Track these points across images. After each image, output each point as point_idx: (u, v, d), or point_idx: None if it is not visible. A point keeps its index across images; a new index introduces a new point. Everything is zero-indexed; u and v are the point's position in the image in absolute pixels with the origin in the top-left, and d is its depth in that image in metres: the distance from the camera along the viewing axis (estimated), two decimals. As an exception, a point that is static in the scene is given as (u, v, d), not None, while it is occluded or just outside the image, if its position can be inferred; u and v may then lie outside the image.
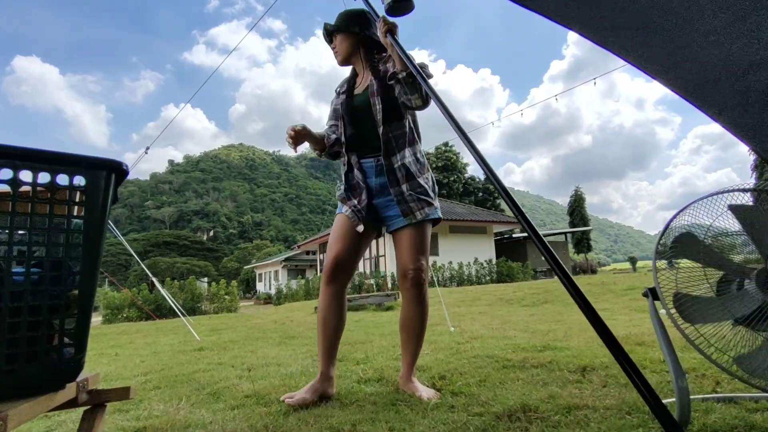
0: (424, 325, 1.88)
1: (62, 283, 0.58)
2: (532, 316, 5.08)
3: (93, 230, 0.59)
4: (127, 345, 4.74)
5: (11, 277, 0.54)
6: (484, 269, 19.60)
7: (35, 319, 0.55)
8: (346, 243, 1.87)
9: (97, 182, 0.58)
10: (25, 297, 0.54)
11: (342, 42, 1.99)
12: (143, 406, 1.91)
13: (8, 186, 0.53)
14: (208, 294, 15.99)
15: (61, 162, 0.55)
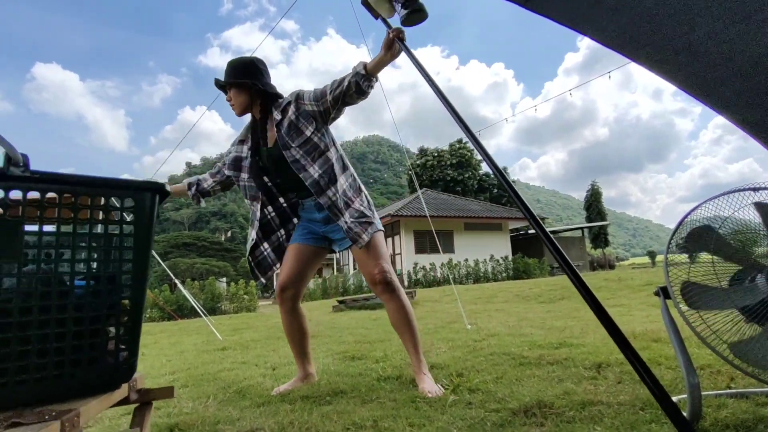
0: (409, 318, 1.99)
1: (116, 294, 0.65)
2: (549, 312, 5.08)
3: (141, 245, 0.66)
4: (152, 345, 4.88)
5: (73, 290, 0.61)
6: (500, 266, 19.52)
7: (94, 327, 0.62)
8: (289, 270, 2.10)
9: (143, 203, 0.65)
10: (86, 308, 0.61)
11: (236, 96, 2.05)
12: (173, 404, 2.00)
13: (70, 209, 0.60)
14: (227, 294, 16.24)
15: (113, 186, 0.62)
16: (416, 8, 1.70)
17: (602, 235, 32.87)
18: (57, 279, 0.58)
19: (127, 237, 0.64)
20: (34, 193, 0.56)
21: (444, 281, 17.53)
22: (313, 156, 1.97)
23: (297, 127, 1.96)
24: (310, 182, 1.94)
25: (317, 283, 20.56)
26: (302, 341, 2.21)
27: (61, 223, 0.58)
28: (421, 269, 17.81)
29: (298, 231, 2.16)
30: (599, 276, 8.66)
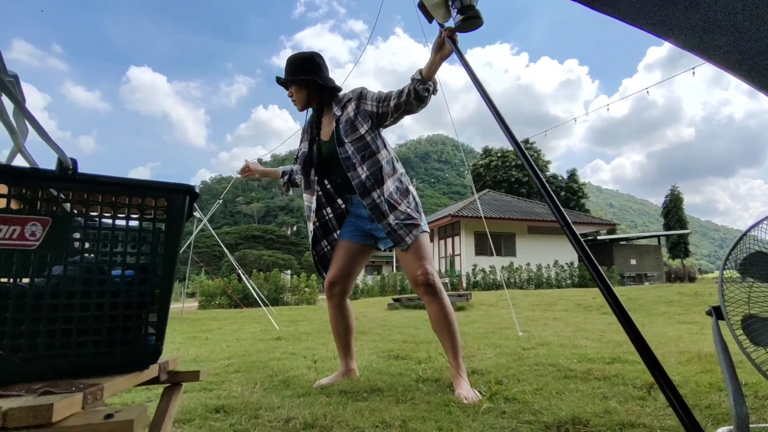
0: (449, 320, 1.98)
1: (148, 283, 0.73)
2: (610, 325, 4.81)
3: (171, 241, 0.73)
4: (216, 330, 5.22)
5: (111, 279, 0.70)
6: (564, 272, 18.67)
7: (127, 312, 0.70)
8: (337, 266, 2.16)
9: (175, 203, 0.72)
10: (121, 295, 0.69)
11: (297, 92, 2.10)
12: (224, 387, 2.14)
13: (110, 207, 0.68)
14: (290, 286, 16.91)
15: (148, 188, 0.69)
16: (472, 15, 1.69)
17: (682, 245, 30.40)
18: (97, 268, 0.67)
19: (160, 233, 0.71)
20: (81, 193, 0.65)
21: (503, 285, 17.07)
22: (364, 155, 2.00)
23: (353, 123, 2.01)
24: (357, 183, 1.98)
25: (376, 280, 20.82)
26: (347, 337, 2.27)
27: (101, 219, 0.66)
28: (480, 271, 17.48)
29: (346, 227, 2.20)
30: (672, 289, 8.02)
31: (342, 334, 2.26)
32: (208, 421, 1.58)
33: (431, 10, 1.83)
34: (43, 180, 0.64)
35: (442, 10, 1.80)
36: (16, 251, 0.61)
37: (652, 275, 22.68)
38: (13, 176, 0.63)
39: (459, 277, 17.69)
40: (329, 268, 2.19)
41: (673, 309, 5.89)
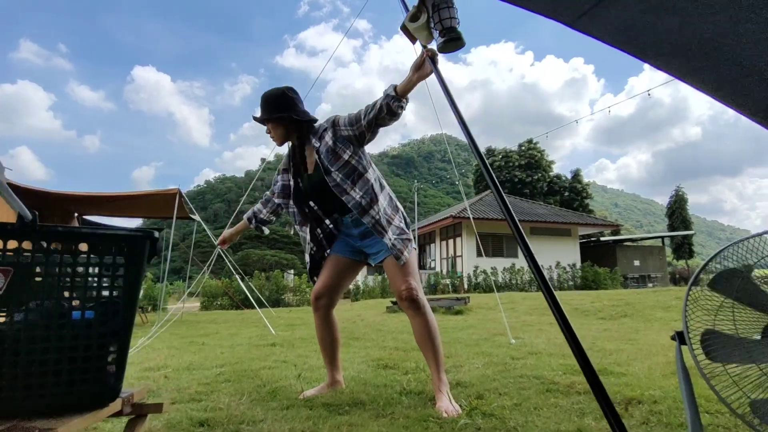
0: (432, 334, 2.02)
1: (108, 323, 0.76)
2: (606, 331, 4.82)
3: (131, 282, 0.77)
4: (213, 335, 5.27)
5: (71, 322, 0.73)
6: (567, 273, 18.65)
7: (87, 353, 0.74)
8: (324, 279, 2.21)
9: (134, 247, 0.75)
10: (81, 336, 0.73)
11: (275, 129, 2.15)
12: (212, 398, 2.18)
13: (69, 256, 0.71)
14: (292, 286, 16.98)
15: (108, 236, 0.73)
16: (454, 36, 1.73)
17: (686, 246, 30.29)
18: (58, 312, 0.70)
19: (119, 276, 0.75)
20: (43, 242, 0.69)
21: (505, 287, 17.08)
22: (353, 179, 2.05)
23: (335, 151, 2.05)
24: (353, 204, 2.03)
25: (377, 281, 20.86)
26: (333, 349, 2.30)
27: (62, 267, 0.70)
28: (481, 273, 17.48)
29: (337, 244, 2.25)
30: (671, 293, 8.00)
31: (328, 346, 2.30)
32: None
33: (414, 32, 1.86)
34: (4, 233, 0.68)
35: (425, 33, 1.84)
36: (-22, 301, 0.65)
37: (656, 276, 22.58)
38: (-26, 230, 0.66)
39: (460, 278, 17.70)
40: (318, 281, 2.24)
41: (669, 315, 5.89)
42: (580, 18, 1.73)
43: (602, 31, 1.76)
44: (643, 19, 1.64)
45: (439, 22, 1.73)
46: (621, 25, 1.71)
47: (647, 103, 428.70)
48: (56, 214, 5.94)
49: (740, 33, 1.45)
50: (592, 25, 1.74)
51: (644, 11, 1.59)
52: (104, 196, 6.39)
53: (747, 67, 1.61)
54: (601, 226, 22.62)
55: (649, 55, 1.79)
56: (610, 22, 1.71)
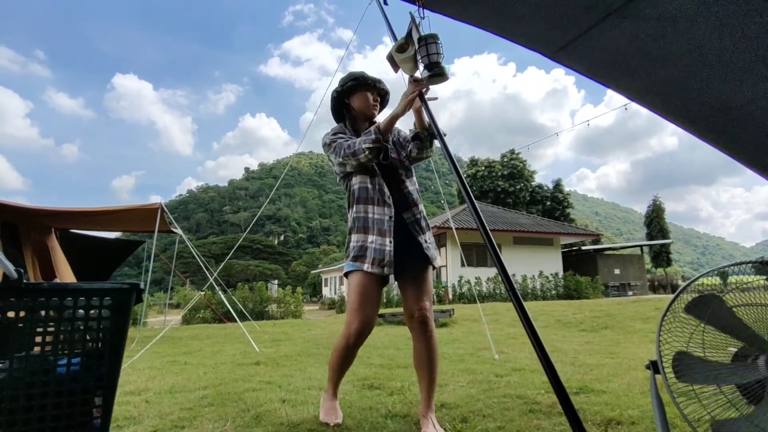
0: (435, 360, 1.95)
1: (94, 374, 0.77)
2: (587, 344, 4.90)
3: (117, 332, 0.77)
4: (196, 352, 5.18)
5: (56, 370, 0.73)
6: (549, 282, 18.87)
7: (72, 402, 0.74)
8: (373, 307, 1.98)
9: (119, 299, 0.76)
10: (65, 388, 0.73)
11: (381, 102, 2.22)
12: (196, 424, 2.16)
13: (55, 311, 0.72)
14: (276, 297, 16.80)
15: (93, 290, 0.74)
16: (438, 72, 1.78)
17: (664, 254, 30.96)
18: (41, 367, 0.71)
19: (105, 329, 0.76)
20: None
21: (489, 296, 17.19)
22: (408, 172, 2.14)
23: (395, 143, 2.16)
24: (410, 190, 2.09)
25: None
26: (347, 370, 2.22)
27: (47, 324, 0.71)
28: (466, 283, 17.59)
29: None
30: (650, 303, 8.17)
31: (345, 371, 2.19)
32: (173, 468, 1.60)
33: (399, 63, 1.91)
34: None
35: (411, 64, 1.89)
36: (-38, 361, 0.65)
37: (636, 284, 23.00)
38: (-41, 291, 0.67)
39: (445, 288, 17.76)
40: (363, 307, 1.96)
41: (648, 326, 6.01)
42: (557, 52, 1.80)
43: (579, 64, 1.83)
44: (615, 58, 1.72)
45: (426, 56, 1.78)
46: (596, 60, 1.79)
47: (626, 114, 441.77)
48: (34, 229, 5.81)
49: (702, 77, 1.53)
50: (570, 59, 1.82)
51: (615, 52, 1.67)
52: (84, 212, 6.26)
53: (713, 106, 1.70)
54: (583, 236, 22.99)
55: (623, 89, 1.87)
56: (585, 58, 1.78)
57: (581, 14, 1.52)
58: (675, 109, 1.82)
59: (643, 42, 1.51)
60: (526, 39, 1.80)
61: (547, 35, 1.71)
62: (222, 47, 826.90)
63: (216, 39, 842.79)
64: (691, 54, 1.46)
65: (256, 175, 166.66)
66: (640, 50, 1.57)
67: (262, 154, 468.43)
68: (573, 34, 1.62)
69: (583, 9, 1.50)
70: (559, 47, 1.73)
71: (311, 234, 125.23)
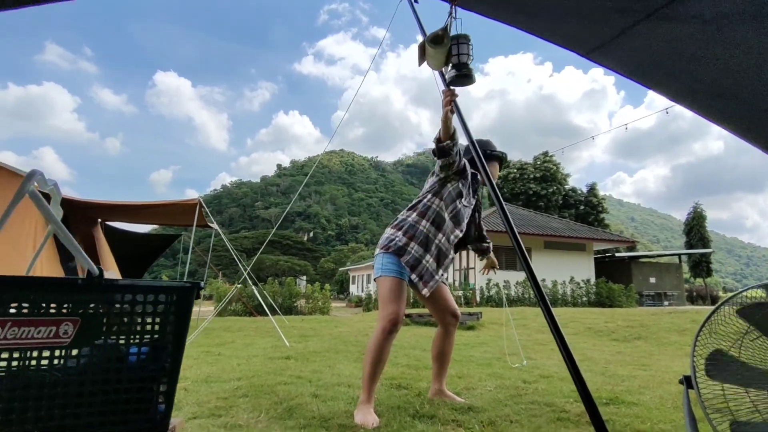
0: (451, 351, 2.61)
1: (159, 361, 0.85)
2: (619, 354, 4.80)
3: (180, 324, 0.85)
4: (229, 344, 5.37)
5: (128, 358, 0.82)
6: (580, 289, 18.44)
7: (141, 387, 0.82)
8: (402, 302, 2.30)
9: (183, 295, 0.84)
10: (136, 374, 0.82)
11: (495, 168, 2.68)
12: (232, 413, 2.26)
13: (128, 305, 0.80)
14: (305, 293, 17.10)
15: (162, 287, 0.82)
16: (465, 73, 1.80)
17: (704, 264, 29.70)
18: (116, 355, 0.79)
19: (169, 323, 0.84)
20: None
21: (517, 300, 16.96)
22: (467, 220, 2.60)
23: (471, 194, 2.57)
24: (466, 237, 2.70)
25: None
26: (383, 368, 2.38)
27: (121, 317, 0.79)
28: (494, 286, 17.40)
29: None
30: (687, 315, 7.89)
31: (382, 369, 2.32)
32: (213, 453, 1.69)
33: (430, 56, 1.92)
34: (75, 288, 0.77)
35: (441, 58, 1.90)
36: (52, 347, 0.74)
37: (673, 294, 22.19)
38: (49, 285, 0.76)
39: (473, 290, 17.63)
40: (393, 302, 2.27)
41: (684, 339, 5.83)
42: (593, 51, 1.80)
43: (615, 64, 1.82)
44: (654, 59, 1.71)
45: (457, 56, 1.80)
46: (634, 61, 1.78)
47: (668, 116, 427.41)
48: (82, 221, 6.14)
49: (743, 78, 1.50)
50: (606, 59, 1.82)
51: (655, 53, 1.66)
52: (127, 205, 6.58)
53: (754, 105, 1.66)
54: (617, 242, 22.35)
55: (664, 90, 1.85)
56: (623, 58, 1.78)
57: (616, 16, 1.52)
58: (716, 110, 1.79)
59: (684, 43, 1.50)
60: (560, 38, 1.81)
61: (580, 35, 1.72)
62: (258, 45, 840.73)
63: (252, 37, 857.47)
64: (732, 55, 1.44)
65: (287, 172, 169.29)
66: (680, 52, 1.56)
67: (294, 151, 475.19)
68: (608, 35, 1.62)
69: (618, 11, 1.50)
70: (594, 47, 1.73)
71: (340, 231, 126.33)
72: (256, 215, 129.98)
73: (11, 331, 0.71)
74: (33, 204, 0.86)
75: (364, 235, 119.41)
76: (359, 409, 2.18)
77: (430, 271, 2.34)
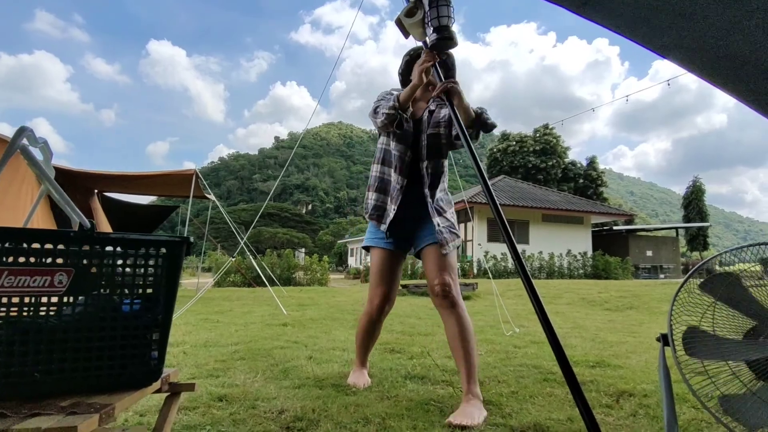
0: (465, 336, 1.85)
1: (152, 312, 0.89)
2: (610, 322, 4.91)
3: (171, 280, 0.88)
4: (227, 312, 5.47)
5: (121, 312, 0.86)
6: (577, 262, 18.64)
7: (135, 338, 0.86)
8: (389, 280, 2.09)
9: (173, 250, 0.87)
10: (130, 324, 0.86)
11: None
12: (229, 374, 2.34)
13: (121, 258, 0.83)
14: (303, 265, 17.27)
15: (152, 241, 0.85)
16: (447, 36, 1.76)
17: (701, 237, 29.94)
18: (110, 305, 0.83)
19: (161, 275, 0.87)
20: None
21: (515, 273, 17.15)
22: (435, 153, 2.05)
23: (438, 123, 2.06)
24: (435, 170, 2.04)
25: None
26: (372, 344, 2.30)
27: (114, 267, 0.82)
28: (492, 258, 17.58)
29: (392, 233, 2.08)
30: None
31: (368, 344, 2.27)
32: (210, 409, 1.76)
33: (409, 28, 1.88)
34: (68, 239, 0.79)
35: (420, 29, 1.86)
36: (48, 295, 0.77)
37: (668, 267, 22.45)
38: (45, 237, 0.78)
39: (470, 262, 17.81)
40: (380, 282, 2.09)
41: (675, 308, 5.94)
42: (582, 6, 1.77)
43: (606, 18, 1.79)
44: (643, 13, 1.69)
45: (436, 19, 1.76)
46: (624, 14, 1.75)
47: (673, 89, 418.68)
48: (79, 191, 6.15)
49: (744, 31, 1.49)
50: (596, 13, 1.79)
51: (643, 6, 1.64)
52: (123, 176, 6.57)
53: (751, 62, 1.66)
54: (615, 215, 22.45)
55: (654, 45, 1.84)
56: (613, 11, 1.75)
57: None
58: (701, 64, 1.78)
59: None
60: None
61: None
62: (253, 13, 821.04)
63: (248, 4, 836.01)
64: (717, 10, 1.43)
65: (285, 144, 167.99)
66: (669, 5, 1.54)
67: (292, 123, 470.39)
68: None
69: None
70: (583, 2, 1.70)
71: (338, 204, 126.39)
72: (254, 188, 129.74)
73: (8, 279, 0.74)
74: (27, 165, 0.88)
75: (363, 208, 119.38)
76: (353, 372, 2.25)
77: (389, 213, 2.03)
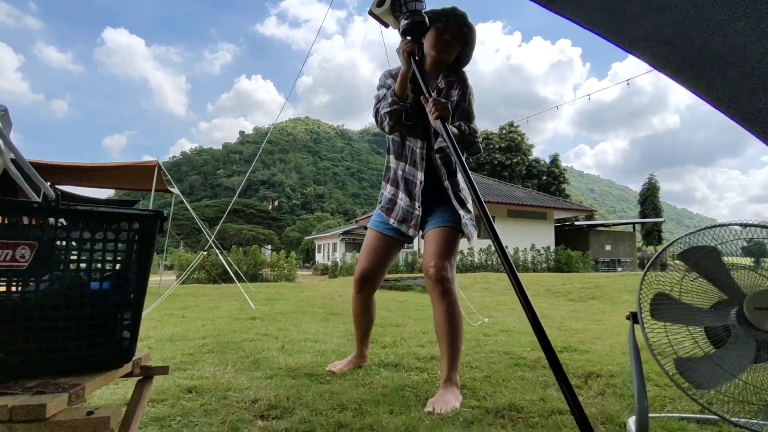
0: (454, 324, 1.82)
1: (123, 291, 0.84)
2: (574, 312, 5.07)
3: (143, 257, 0.84)
4: (193, 308, 5.31)
5: (90, 291, 0.81)
6: (541, 256, 19.17)
7: (105, 319, 0.82)
8: (373, 259, 2.09)
9: (146, 224, 0.83)
10: (99, 302, 0.81)
11: None
12: (198, 367, 2.26)
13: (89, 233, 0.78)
14: (270, 261, 17.01)
15: (123, 214, 0.80)
16: (418, 19, 1.76)
17: (656, 232, 31.41)
18: (77, 282, 0.77)
19: (133, 251, 0.82)
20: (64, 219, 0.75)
21: (481, 267, 17.47)
22: None
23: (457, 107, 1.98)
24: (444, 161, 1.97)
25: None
26: (368, 327, 2.30)
27: (81, 242, 0.77)
28: (459, 253, 17.82)
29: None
30: (638, 277, 8.37)
31: (364, 326, 2.29)
32: (180, 401, 1.70)
33: (382, 17, 1.87)
34: (31, 210, 0.74)
35: (392, 17, 1.85)
36: (9, 271, 0.71)
37: (626, 261, 23.42)
38: (5, 208, 0.73)
39: (438, 258, 18.01)
40: (363, 258, 2.11)
41: (635, 298, 6.19)
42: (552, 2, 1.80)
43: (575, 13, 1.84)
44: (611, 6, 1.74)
45: (405, 4, 1.75)
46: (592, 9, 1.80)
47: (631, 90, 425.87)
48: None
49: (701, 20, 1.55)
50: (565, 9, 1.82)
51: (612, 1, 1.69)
52: (80, 167, 6.26)
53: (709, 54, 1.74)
54: (576, 211, 23.23)
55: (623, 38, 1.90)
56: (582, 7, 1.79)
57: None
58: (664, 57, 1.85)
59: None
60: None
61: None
62: (217, 4, 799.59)
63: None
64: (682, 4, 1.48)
65: (251, 139, 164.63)
66: None
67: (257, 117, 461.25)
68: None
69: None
70: None
71: (305, 200, 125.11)
72: (219, 183, 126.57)
73: (-36, 252, 0.68)
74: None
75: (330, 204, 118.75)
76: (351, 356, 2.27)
77: (405, 209, 1.98)
